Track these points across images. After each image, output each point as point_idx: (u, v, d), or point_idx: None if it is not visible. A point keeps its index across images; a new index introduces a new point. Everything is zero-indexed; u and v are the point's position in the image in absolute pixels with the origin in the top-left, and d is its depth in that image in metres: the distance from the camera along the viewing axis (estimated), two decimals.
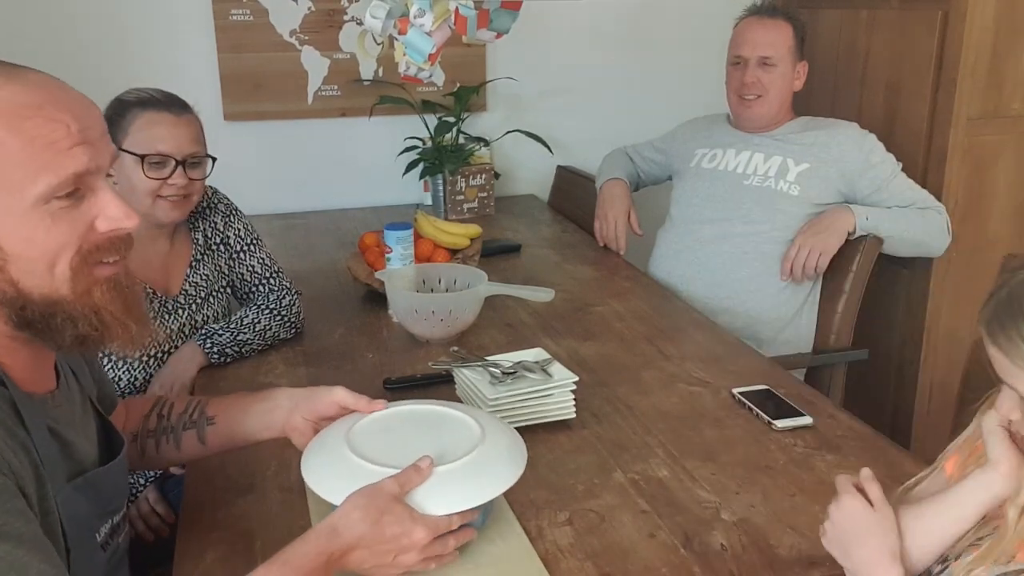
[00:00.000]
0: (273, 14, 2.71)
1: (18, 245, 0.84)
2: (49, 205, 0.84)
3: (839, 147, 2.16)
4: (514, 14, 1.84)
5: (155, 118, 1.59)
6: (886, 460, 1.31)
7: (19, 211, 0.83)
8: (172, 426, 1.21)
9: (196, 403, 1.22)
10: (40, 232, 0.84)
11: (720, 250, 2.19)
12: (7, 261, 0.84)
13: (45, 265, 0.86)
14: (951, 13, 2.24)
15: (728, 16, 2.34)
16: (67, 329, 0.88)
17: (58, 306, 0.87)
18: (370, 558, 0.98)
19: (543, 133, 2.80)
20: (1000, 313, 0.89)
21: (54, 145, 0.83)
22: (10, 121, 0.82)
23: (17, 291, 0.85)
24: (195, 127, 1.64)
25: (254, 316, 1.73)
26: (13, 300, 0.86)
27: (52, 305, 0.87)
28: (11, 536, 0.78)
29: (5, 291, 0.85)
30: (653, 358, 1.70)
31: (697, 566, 1.09)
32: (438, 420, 1.16)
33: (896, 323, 2.46)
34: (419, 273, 1.87)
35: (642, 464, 1.32)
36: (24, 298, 0.86)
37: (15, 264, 0.84)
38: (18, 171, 0.82)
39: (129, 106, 1.59)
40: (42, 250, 0.85)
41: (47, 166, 0.83)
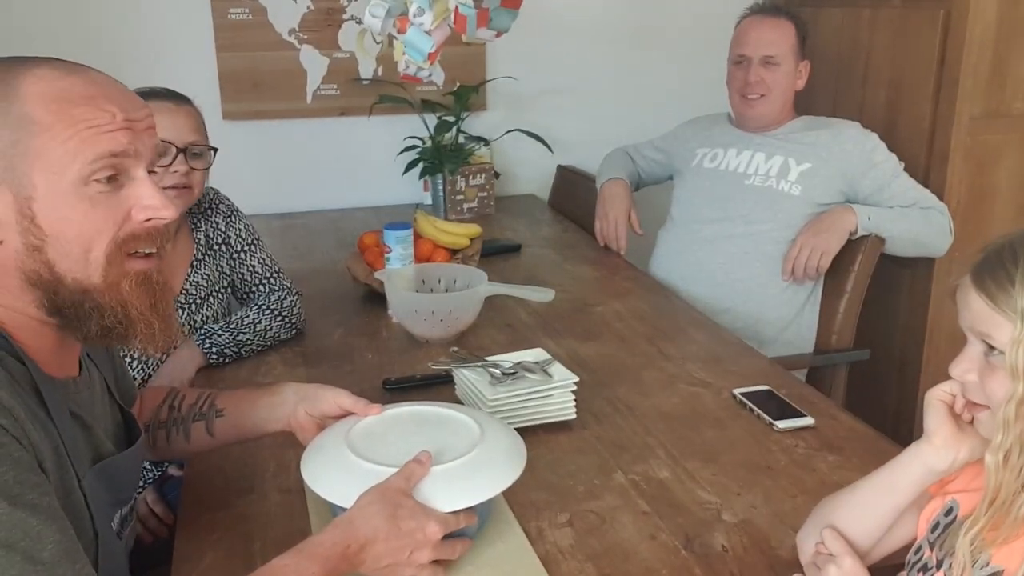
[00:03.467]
0: (272, 13, 2.70)
1: (57, 225, 0.86)
2: (88, 187, 0.87)
3: (841, 147, 2.15)
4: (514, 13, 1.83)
5: (155, 107, 1.57)
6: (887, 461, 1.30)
7: (60, 191, 0.85)
8: (182, 417, 1.22)
9: (207, 396, 1.24)
10: (79, 214, 0.87)
11: (721, 250, 2.18)
12: (45, 242, 0.86)
13: (81, 249, 0.88)
14: (953, 12, 2.23)
15: (729, 15, 2.34)
16: (94, 318, 0.90)
17: (88, 294, 0.89)
18: (386, 555, 0.98)
19: (543, 132, 2.80)
20: (992, 258, 0.87)
21: (97, 128, 0.87)
22: (60, 107, 0.86)
23: (52, 274, 0.88)
24: (195, 117, 1.66)
25: (254, 316, 1.72)
26: (48, 283, 0.88)
27: (83, 292, 0.89)
28: (26, 505, 0.78)
29: (40, 273, 0.87)
30: (654, 358, 1.69)
31: (698, 567, 1.08)
32: (437, 420, 1.16)
33: (898, 323, 2.45)
34: (419, 273, 1.86)
35: (643, 465, 1.32)
36: (58, 282, 0.88)
37: (52, 245, 0.86)
38: (60, 151, 0.85)
39: None
40: (79, 232, 0.87)
41: (87, 145, 0.86)
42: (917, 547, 0.98)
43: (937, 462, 0.94)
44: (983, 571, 0.86)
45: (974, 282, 0.88)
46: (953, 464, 0.94)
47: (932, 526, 0.96)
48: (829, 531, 1.00)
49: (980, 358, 0.89)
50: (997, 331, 0.86)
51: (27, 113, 0.85)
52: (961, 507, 0.93)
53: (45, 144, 0.85)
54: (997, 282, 0.85)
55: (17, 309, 0.89)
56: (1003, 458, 0.85)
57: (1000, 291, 0.85)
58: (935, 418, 0.94)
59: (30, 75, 0.86)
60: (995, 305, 0.85)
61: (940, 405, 0.95)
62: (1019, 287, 0.84)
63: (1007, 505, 0.85)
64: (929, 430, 0.95)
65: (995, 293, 0.85)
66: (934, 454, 0.94)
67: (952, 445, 0.93)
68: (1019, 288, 0.84)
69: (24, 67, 0.87)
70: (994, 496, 0.86)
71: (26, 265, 0.87)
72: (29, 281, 0.88)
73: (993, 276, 0.86)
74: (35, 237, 0.86)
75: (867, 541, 1.00)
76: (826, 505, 1.05)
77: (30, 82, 0.86)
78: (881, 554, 1.02)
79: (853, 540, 0.99)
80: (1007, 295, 0.84)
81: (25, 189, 0.85)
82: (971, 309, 0.88)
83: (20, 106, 0.85)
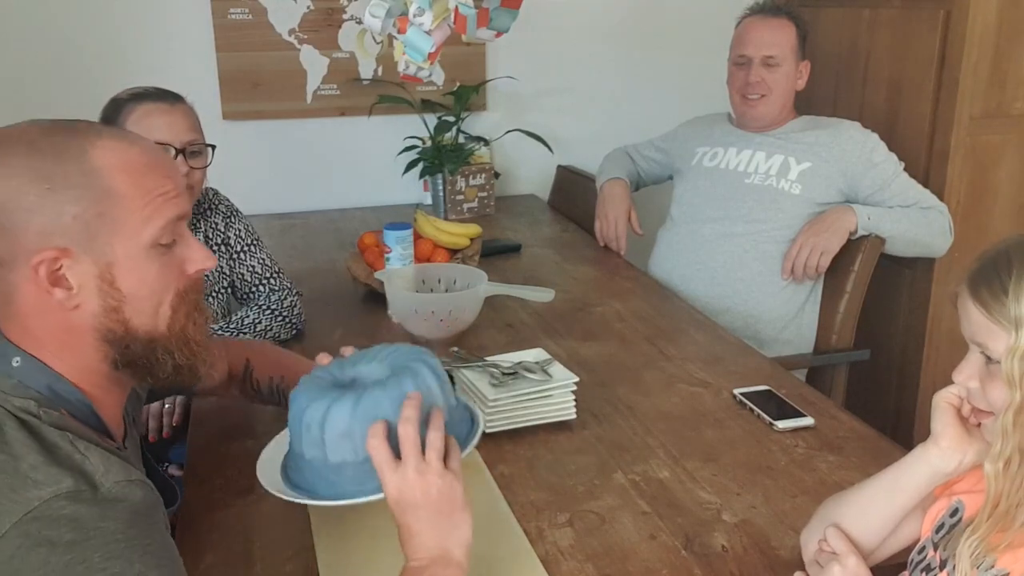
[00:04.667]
0: (272, 13, 2.70)
1: (134, 286, 0.93)
2: (155, 249, 0.94)
3: (841, 146, 2.15)
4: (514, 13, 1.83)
5: (149, 109, 1.59)
6: (888, 461, 1.28)
7: (136, 255, 0.93)
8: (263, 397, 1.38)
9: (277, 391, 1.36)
10: (151, 274, 0.94)
11: (721, 249, 2.18)
12: (122, 302, 0.93)
13: (153, 305, 0.95)
14: (953, 12, 2.23)
15: (729, 15, 2.34)
16: (168, 361, 0.98)
17: (156, 342, 0.96)
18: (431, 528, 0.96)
19: (543, 132, 2.80)
20: (987, 268, 0.87)
21: (162, 196, 0.94)
22: (133, 177, 0.92)
23: (126, 330, 0.94)
24: (191, 116, 1.65)
25: (255, 316, 1.72)
26: (121, 339, 0.94)
27: (152, 341, 0.96)
28: None
29: (115, 330, 0.93)
30: (654, 358, 1.69)
31: (698, 567, 1.08)
32: None
33: (898, 323, 2.45)
34: (419, 273, 1.86)
35: (643, 465, 1.32)
36: (131, 336, 0.94)
37: (129, 304, 0.93)
38: (137, 218, 0.92)
39: (123, 103, 1.60)
40: (151, 290, 0.95)
41: (158, 212, 0.94)
42: (921, 547, 0.97)
43: (943, 464, 0.94)
44: (988, 573, 0.85)
45: (970, 292, 0.88)
46: (959, 467, 0.93)
47: (937, 526, 0.96)
48: (832, 529, 1.00)
49: (981, 365, 0.89)
50: (993, 341, 0.86)
51: (108, 186, 0.90)
52: (967, 508, 0.93)
53: (124, 213, 0.91)
54: (992, 292, 0.85)
55: (90, 368, 0.94)
56: (1003, 466, 0.85)
57: (994, 301, 0.85)
58: (942, 420, 0.94)
59: (97, 148, 0.91)
60: (990, 315, 0.85)
61: (948, 408, 0.94)
62: (1012, 296, 0.84)
63: (1011, 514, 0.85)
64: (936, 432, 0.95)
65: (990, 303, 0.85)
66: (940, 456, 0.94)
67: (959, 448, 0.93)
68: (1012, 297, 0.84)
69: (87, 140, 0.92)
70: (995, 505, 0.86)
71: (102, 325, 0.93)
72: (104, 339, 0.93)
73: (988, 286, 0.86)
74: (113, 299, 0.92)
75: (872, 541, 1.00)
76: (831, 504, 1.05)
77: (101, 155, 0.91)
78: (885, 555, 1.02)
79: (857, 540, 0.99)
80: (1001, 305, 0.84)
81: (106, 256, 0.91)
82: (969, 319, 0.88)
83: (100, 180, 0.90)
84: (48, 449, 0.84)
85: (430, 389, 1.04)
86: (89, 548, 0.78)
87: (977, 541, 0.86)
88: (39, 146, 0.90)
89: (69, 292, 0.90)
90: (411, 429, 0.97)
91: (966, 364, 0.90)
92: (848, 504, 1.02)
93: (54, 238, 0.88)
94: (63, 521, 0.79)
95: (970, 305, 0.87)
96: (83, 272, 0.90)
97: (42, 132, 0.91)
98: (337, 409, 1.01)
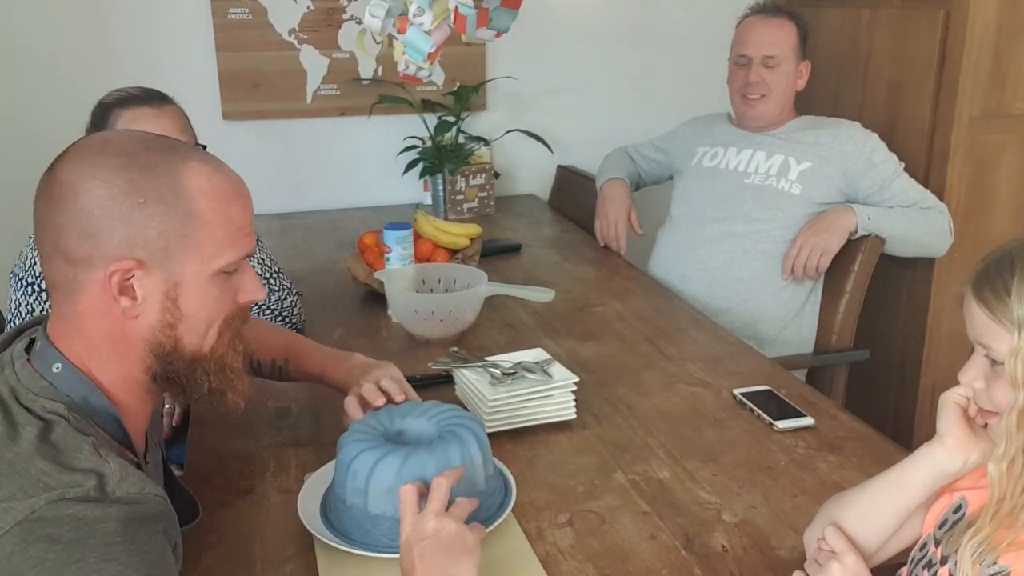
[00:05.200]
0: (272, 13, 2.70)
1: (193, 308, 0.95)
2: (220, 276, 0.96)
3: (841, 146, 2.15)
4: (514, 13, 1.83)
5: (136, 114, 1.58)
6: (888, 461, 1.29)
7: (202, 279, 0.95)
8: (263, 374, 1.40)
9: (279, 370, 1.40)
10: (211, 299, 0.96)
11: (721, 249, 2.18)
12: (179, 320, 0.94)
13: (204, 327, 0.97)
14: (953, 12, 2.23)
15: (729, 15, 2.34)
16: (204, 383, 0.99)
17: (198, 362, 0.98)
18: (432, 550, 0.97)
19: (543, 132, 2.80)
20: (991, 268, 0.87)
21: (241, 230, 0.97)
22: (218, 204, 0.95)
23: (175, 347, 0.96)
24: (179, 117, 1.63)
25: (255, 316, 1.72)
26: (168, 354, 0.95)
27: (194, 362, 0.97)
28: None
29: (164, 345, 0.95)
30: (654, 358, 1.69)
31: (698, 568, 1.08)
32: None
33: (898, 323, 2.45)
34: (419, 273, 1.86)
35: (643, 465, 1.32)
36: (177, 353, 0.96)
37: (185, 324, 0.95)
38: (214, 245, 0.95)
39: (110, 108, 1.58)
40: (207, 314, 0.97)
41: (234, 245, 0.96)
42: (922, 543, 0.97)
43: (948, 464, 0.94)
44: (990, 569, 0.86)
45: (974, 293, 0.88)
46: (964, 467, 0.93)
47: (940, 522, 0.96)
48: (832, 528, 1.00)
49: (986, 366, 0.89)
50: (996, 342, 0.86)
51: (195, 209, 0.93)
52: (970, 504, 0.93)
53: (204, 238, 0.94)
54: (995, 293, 0.86)
55: (131, 377, 0.96)
56: (1007, 467, 0.85)
57: (998, 302, 0.85)
58: (947, 419, 0.94)
59: (189, 170, 0.93)
60: (993, 316, 0.85)
61: (954, 407, 0.95)
62: (1015, 297, 0.84)
63: (1014, 515, 0.85)
64: (941, 431, 0.95)
65: (993, 304, 0.85)
66: (945, 455, 0.94)
67: (963, 447, 0.93)
68: (1015, 298, 0.84)
69: (181, 160, 0.94)
70: (999, 505, 0.86)
71: (155, 338, 0.94)
72: (152, 351, 0.95)
73: (991, 287, 0.86)
74: (172, 316, 0.94)
75: (874, 542, 1.00)
76: (834, 504, 1.04)
77: (191, 177, 0.93)
78: (887, 555, 1.02)
79: (860, 539, 0.99)
80: (1004, 306, 0.85)
81: (175, 275, 0.93)
82: (973, 320, 0.89)
83: (188, 202, 0.92)
84: (66, 452, 0.84)
85: (473, 460, 1.12)
86: (87, 548, 0.78)
87: (980, 541, 0.86)
88: (138, 159, 0.92)
89: (134, 302, 0.92)
90: (444, 482, 1.02)
91: (971, 365, 0.91)
92: (851, 504, 1.02)
93: (135, 249, 0.90)
94: (66, 520, 0.79)
95: (974, 306, 0.88)
96: (151, 286, 0.92)
97: (142, 145, 0.94)
98: (384, 465, 1.08)
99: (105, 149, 0.92)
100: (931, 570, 0.93)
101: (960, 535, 0.89)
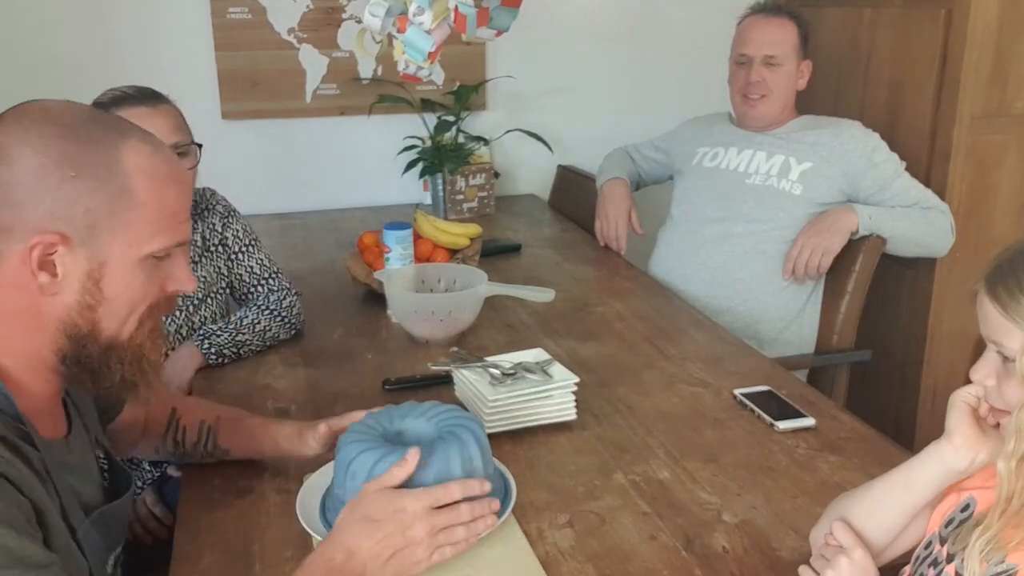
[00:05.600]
0: (271, 12, 2.70)
1: (117, 291, 0.92)
2: (149, 261, 0.94)
3: (842, 146, 2.14)
4: (514, 12, 1.83)
5: (130, 113, 1.57)
6: (889, 462, 1.29)
7: (130, 261, 0.92)
8: (189, 454, 1.29)
9: (207, 433, 1.28)
10: (136, 284, 0.93)
11: (721, 249, 2.17)
12: (100, 302, 0.91)
13: (126, 313, 0.94)
14: (954, 11, 2.23)
15: (730, 14, 2.33)
16: (118, 371, 0.96)
17: (114, 349, 0.95)
18: (381, 549, 0.99)
19: (543, 132, 2.80)
20: (1004, 265, 0.88)
21: (175, 216, 0.95)
22: (155, 185, 0.92)
23: (91, 330, 0.92)
24: (174, 116, 1.63)
25: (254, 316, 1.72)
26: (82, 337, 0.92)
27: (110, 348, 0.94)
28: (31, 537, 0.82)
29: (80, 328, 0.92)
30: (654, 358, 1.69)
31: (699, 568, 1.08)
32: None
33: (899, 323, 2.45)
34: (418, 273, 1.86)
35: (643, 465, 1.31)
36: (93, 337, 0.93)
37: (105, 307, 0.92)
38: (145, 228, 0.92)
39: (105, 107, 1.57)
40: (130, 299, 0.93)
41: (167, 230, 0.94)
42: (927, 542, 0.97)
43: (956, 462, 0.94)
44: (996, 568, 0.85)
45: (987, 290, 0.88)
46: (972, 465, 0.93)
47: (947, 521, 0.96)
48: (839, 523, 1.00)
49: (998, 364, 0.89)
50: (1008, 339, 0.86)
51: (129, 187, 0.90)
52: (978, 503, 0.93)
53: (135, 219, 0.91)
54: (1008, 290, 0.86)
55: (37, 355, 0.92)
56: (1016, 464, 0.85)
57: (1011, 299, 0.85)
58: (956, 418, 0.94)
59: (128, 147, 0.91)
60: (1006, 313, 0.86)
61: (964, 406, 0.95)
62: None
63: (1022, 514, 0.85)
64: (950, 429, 0.95)
65: (1006, 301, 0.86)
66: (953, 453, 0.94)
67: (972, 446, 0.93)
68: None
69: (120, 136, 0.91)
70: (1006, 504, 0.85)
71: (71, 319, 0.91)
72: (65, 332, 0.92)
73: (1004, 284, 0.86)
74: (92, 298, 0.91)
75: (881, 539, 0.99)
76: (840, 502, 1.04)
77: (129, 155, 0.91)
78: (893, 555, 1.02)
79: (867, 537, 0.99)
80: (1017, 303, 0.85)
81: (101, 255, 0.90)
82: (986, 317, 0.89)
83: (124, 179, 0.90)
84: None
85: (473, 461, 1.11)
86: None
87: (988, 539, 0.85)
88: (77, 131, 0.89)
89: (53, 279, 0.89)
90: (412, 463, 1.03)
91: (983, 362, 0.91)
92: (858, 502, 1.01)
93: (60, 224, 0.87)
94: None
95: (987, 303, 0.88)
96: (73, 264, 0.89)
97: (84, 117, 0.91)
98: (383, 466, 1.07)
99: (45, 117, 0.89)
100: (937, 568, 0.93)
101: (968, 533, 0.88)
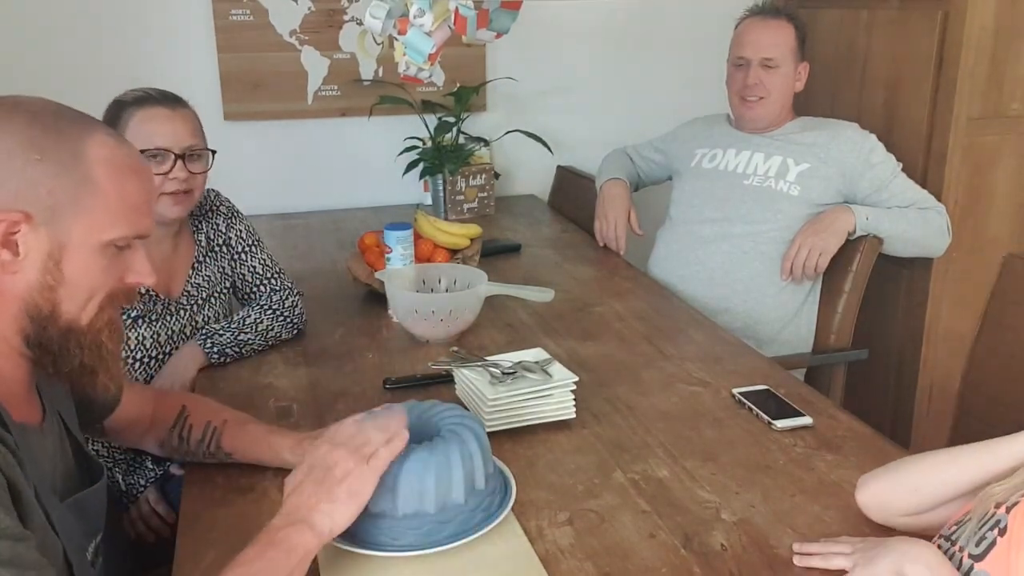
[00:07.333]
0: (273, 14, 2.71)
1: (76, 274, 0.95)
2: (109, 248, 0.97)
3: (839, 147, 2.15)
4: (514, 14, 1.84)
5: (150, 114, 1.59)
6: (886, 460, 1.30)
7: (90, 247, 0.95)
8: (192, 451, 1.32)
9: (212, 434, 1.31)
10: (96, 269, 0.97)
11: (720, 250, 2.19)
12: (60, 283, 0.95)
13: (84, 297, 0.97)
14: (951, 13, 2.24)
15: (728, 16, 2.34)
16: (77, 356, 0.99)
17: (73, 333, 0.97)
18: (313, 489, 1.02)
19: (543, 133, 2.80)
20: None
21: (136, 208, 0.99)
22: (116, 175, 0.96)
23: (51, 311, 0.95)
24: (192, 120, 1.65)
25: (256, 316, 1.73)
26: (44, 318, 0.95)
27: (69, 331, 0.97)
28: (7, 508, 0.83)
29: (41, 308, 0.95)
30: (653, 358, 1.70)
31: (697, 566, 1.09)
32: None
33: (896, 323, 2.46)
34: (419, 273, 1.87)
35: (642, 464, 1.32)
36: (53, 319, 0.96)
37: (65, 289, 0.95)
38: (105, 215, 0.96)
39: (125, 106, 1.60)
40: (89, 283, 0.97)
41: (126, 220, 0.97)
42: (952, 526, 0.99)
43: None
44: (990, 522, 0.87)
45: None
46: None
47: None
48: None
49: None
50: None
51: (91, 175, 0.94)
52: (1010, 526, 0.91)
53: (96, 205, 0.95)
54: None
55: (2, 336, 0.95)
56: None
57: None
58: None
59: (93, 140, 0.96)
60: None
61: None
62: None
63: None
64: None
65: None
66: None
67: None
68: None
69: (86, 129, 0.96)
70: None
71: (32, 298, 0.94)
72: (27, 312, 0.95)
73: None
74: (52, 278, 0.94)
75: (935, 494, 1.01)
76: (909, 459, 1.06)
77: (93, 146, 0.95)
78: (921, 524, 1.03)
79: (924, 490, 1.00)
80: None
81: (61, 237, 0.93)
82: None
83: (87, 167, 0.94)
84: None
85: (473, 460, 1.12)
86: None
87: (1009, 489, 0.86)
88: (43, 120, 0.94)
89: (15, 257, 0.92)
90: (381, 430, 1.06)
91: None
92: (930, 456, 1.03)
93: (22, 203, 0.91)
94: None
95: None
96: (35, 243, 0.92)
97: (50, 110, 0.96)
98: None
99: (16, 107, 0.94)
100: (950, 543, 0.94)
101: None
